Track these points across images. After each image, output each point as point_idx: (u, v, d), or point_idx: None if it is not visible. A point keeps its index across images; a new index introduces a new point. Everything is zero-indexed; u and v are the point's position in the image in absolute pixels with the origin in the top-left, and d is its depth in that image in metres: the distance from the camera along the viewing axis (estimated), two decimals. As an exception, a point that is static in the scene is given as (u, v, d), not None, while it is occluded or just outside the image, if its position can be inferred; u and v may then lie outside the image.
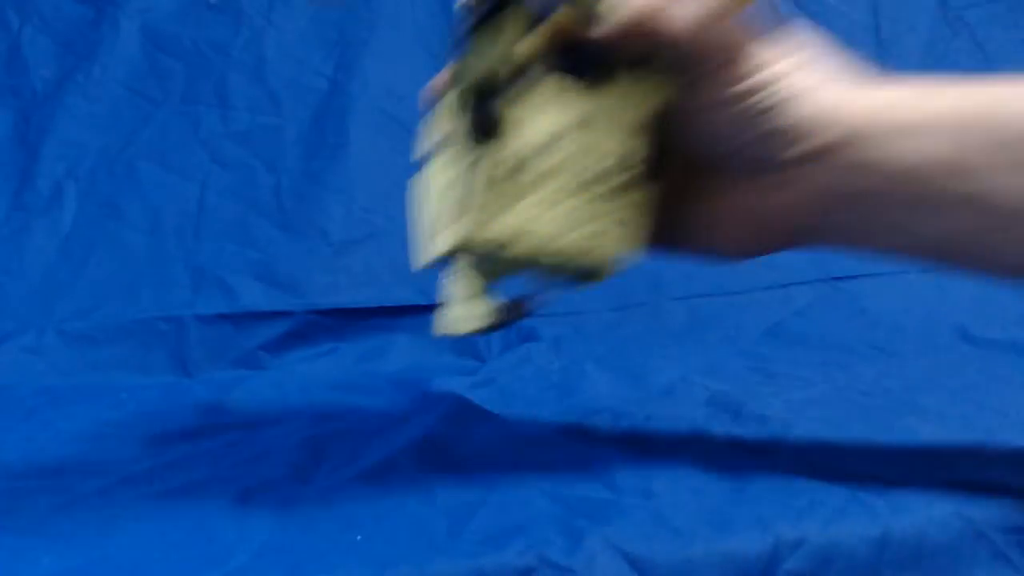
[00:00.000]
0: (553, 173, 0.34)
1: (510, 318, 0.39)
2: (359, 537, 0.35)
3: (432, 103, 0.38)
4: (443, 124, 0.37)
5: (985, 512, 0.36)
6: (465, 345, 0.65)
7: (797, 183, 0.36)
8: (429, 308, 0.64)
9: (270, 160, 0.71)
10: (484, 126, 0.34)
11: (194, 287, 0.68)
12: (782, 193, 0.36)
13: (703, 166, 0.37)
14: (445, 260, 0.36)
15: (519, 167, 0.34)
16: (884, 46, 0.77)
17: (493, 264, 0.36)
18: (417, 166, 0.38)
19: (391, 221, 0.69)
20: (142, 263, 0.68)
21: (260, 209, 0.71)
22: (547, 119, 0.34)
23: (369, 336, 0.66)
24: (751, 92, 0.34)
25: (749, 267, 0.70)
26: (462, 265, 0.36)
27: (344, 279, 0.68)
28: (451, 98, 0.36)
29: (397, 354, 0.64)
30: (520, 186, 0.34)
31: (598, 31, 0.34)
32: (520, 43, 0.33)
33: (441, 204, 0.36)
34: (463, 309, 0.37)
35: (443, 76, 0.37)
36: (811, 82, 0.35)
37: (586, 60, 0.34)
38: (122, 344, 0.64)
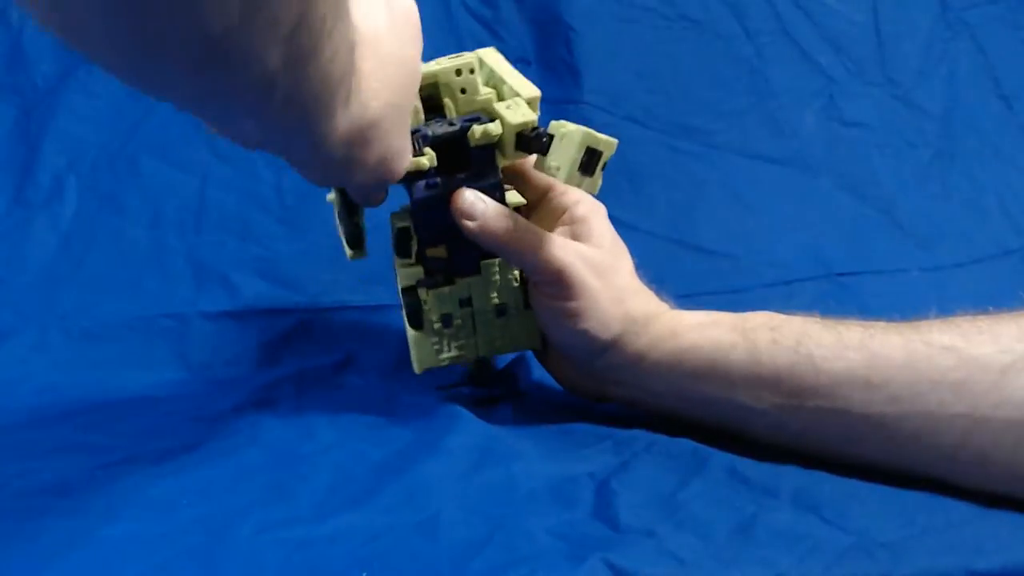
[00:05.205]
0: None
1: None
2: (364, 574, 0.35)
3: None
4: None
5: (989, 563, 0.36)
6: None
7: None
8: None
9: (272, 156, 0.71)
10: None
11: (196, 283, 0.67)
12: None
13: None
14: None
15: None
16: (884, 46, 0.78)
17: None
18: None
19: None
20: (144, 259, 0.68)
21: (262, 205, 0.71)
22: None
23: (373, 335, 0.66)
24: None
25: (752, 264, 0.71)
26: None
27: (347, 276, 0.68)
28: None
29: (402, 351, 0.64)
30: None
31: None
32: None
33: None
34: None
35: None
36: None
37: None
38: (124, 340, 0.64)
